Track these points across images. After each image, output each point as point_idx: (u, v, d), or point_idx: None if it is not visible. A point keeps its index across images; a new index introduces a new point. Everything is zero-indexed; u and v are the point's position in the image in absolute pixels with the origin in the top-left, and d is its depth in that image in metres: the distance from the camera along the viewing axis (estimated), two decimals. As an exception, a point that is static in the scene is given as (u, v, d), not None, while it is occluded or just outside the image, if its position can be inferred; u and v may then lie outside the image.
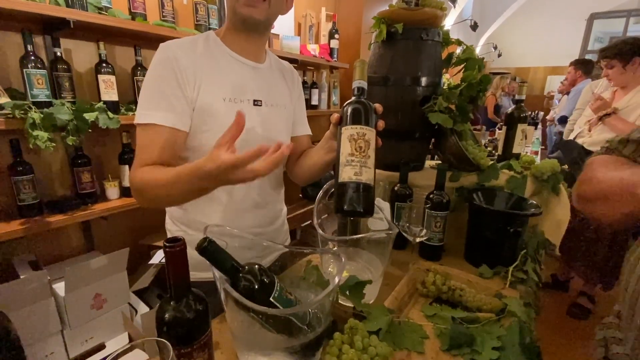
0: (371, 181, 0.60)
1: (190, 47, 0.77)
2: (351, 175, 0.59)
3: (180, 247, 0.41)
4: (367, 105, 0.64)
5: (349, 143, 0.60)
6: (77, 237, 1.54)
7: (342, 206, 0.59)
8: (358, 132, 0.60)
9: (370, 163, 0.60)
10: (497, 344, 0.62)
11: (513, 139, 1.14)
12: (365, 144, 0.60)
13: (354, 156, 0.59)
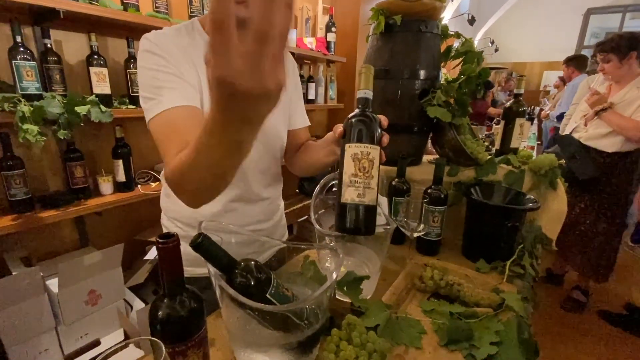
0: (374, 202, 0.60)
1: (174, 37, 0.72)
2: (354, 197, 0.58)
3: (174, 243, 0.40)
4: (372, 119, 0.62)
5: (353, 162, 0.59)
6: (71, 232, 1.52)
7: (344, 226, 0.60)
8: (362, 151, 0.59)
9: (373, 183, 0.59)
10: (495, 339, 0.62)
11: (511, 134, 1.14)
12: (369, 163, 0.59)
13: (357, 177, 0.58)
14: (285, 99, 0.90)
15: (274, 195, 0.94)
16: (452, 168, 1.04)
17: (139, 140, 1.67)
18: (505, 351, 0.59)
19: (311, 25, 2.60)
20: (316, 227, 0.77)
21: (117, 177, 1.50)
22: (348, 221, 0.59)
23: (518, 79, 1.13)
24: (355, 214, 0.59)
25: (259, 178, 0.87)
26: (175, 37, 0.72)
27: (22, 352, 1.19)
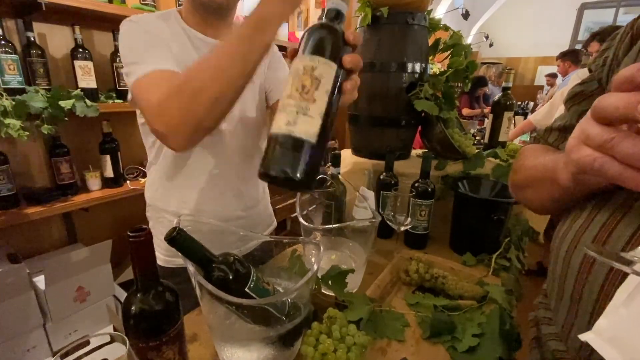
0: (311, 136, 0.40)
1: (151, 24, 0.72)
2: (281, 125, 0.40)
3: (145, 236, 0.39)
4: (330, 29, 0.43)
5: (291, 80, 0.41)
6: (59, 229, 1.50)
7: (265, 168, 0.40)
8: (305, 64, 0.41)
9: (314, 110, 0.40)
10: (478, 330, 0.62)
11: (499, 127, 1.14)
12: (312, 81, 0.40)
13: (291, 98, 0.40)
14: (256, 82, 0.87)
15: (256, 183, 0.93)
16: (439, 162, 1.04)
17: (127, 135, 1.65)
18: (486, 342, 0.59)
19: (303, 19, 2.58)
20: (302, 223, 0.76)
21: (105, 172, 1.48)
22: (270, 160, 0.40)
23: (506, 73, 1.13)
24: (277, 150, 0.40)
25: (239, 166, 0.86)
26: (156, 24, 0.73)
27: (9, 350, 1.18)
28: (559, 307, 0.43)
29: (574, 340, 0.35)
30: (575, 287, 0.39)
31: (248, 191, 0.90)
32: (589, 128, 0.28)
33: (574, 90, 0.50)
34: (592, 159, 0.28)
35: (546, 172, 0.42)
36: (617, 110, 0.25)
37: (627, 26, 0.43)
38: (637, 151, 0.25)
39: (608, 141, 0.26)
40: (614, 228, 0.36)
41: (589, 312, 0.37)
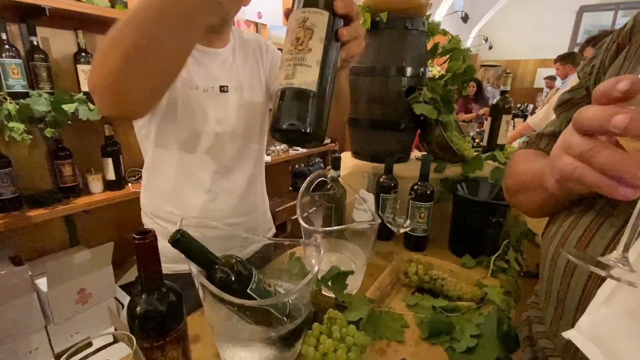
0: (310, 85, 0.40)
1: None
2: (281, 81, 0.41)
3: (150, 239, 0.40)
4: None
5: (288, 37, 0.42)
6: (60, 231, 1.52)
7: (273, 125, 0.41)
8: (297, 18, 0.42)
9: (310, 59, 0.40)
10: (476, 331, 0.63)
11: (498, 130, 1.15)
12: (305, 32, 0.41)
13: (289, 53, 0.41)
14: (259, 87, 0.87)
15: (255, 189, 0.94)
16: (438, 165, 1.05)
17: (129, 138, 1.66)
18: (484, 343, 0.60)
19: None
20: (302, 225, 0.77)
21: (106, 175, 1.50)
22: (275, 117, 0.41)
23: (504, 77, 1.15)
24: (281, 104, 0.41)
25: (239, 171, 0.87)
26: None
27: (11, 351, 1.19)
28: (547, 306, 0.44)
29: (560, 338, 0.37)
30: (560, 287, 0.40)
31: (247, 197, 0.90)
32: (570, 138, 0.29)
33: (563, 97, 0.52)
34: (573, 167, 0.29)
35: (535, 177, 0.43)
36: (594, 123, 0.27)
37: (614, 35, 0.44)
38: (612, 161, 0.26)
39: (587, 151, 0.28)
40: (595, 232, 0.37)
41: (573, 310, 0.38)
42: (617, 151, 0.26)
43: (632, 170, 0.25)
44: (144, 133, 0.81)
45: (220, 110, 0.80)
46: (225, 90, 0.80)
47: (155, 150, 0.80)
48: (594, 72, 0.46)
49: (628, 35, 0.41)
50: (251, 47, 0.89)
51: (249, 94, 0.85)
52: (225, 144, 0.82)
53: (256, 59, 0.89)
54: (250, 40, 0.90)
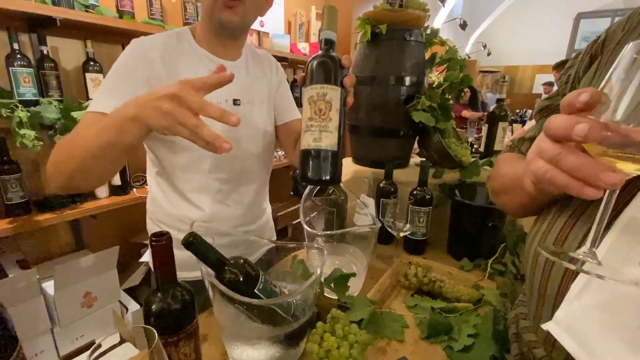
0: (333, 146, 0.54)
1: (163, 46, 0.74)
2: (310, 142, 0.54)
3: (166, 240, 0.43)
4: (331, 59, 0.55)
5: (309, 106, 0.54)
6: (67, 235, 1.54)
7: (305, 175, 0.55)
8: (318, 92, 0.54)
9: (332, 126, 0.53)
10: (473, 331, 0.65)
11: (494, 137, 1.18)
12: (325, 105, 0.53)
13: (313, 120, 0.54)
14: (268, 102, 0.90)
15: (259, 200, 0.95)
16: (437, 170, 1.08)
17: (135, 144, 1.69)
18: (481, 342, 0.63)
19: (304, 30, 2.65)
20: (305, 229, 0.80)
21: (112, 180, 1.52)
22: (308, 169, 0.54)
23: (500, 84, 1.18)
24: (313, 161, 0.54)
25: (244, 182, 0.87)
26: (165, 45, 0.75)
27: (18, 354, 1.21)
28: (531, 301, 0.47)
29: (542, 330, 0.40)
30: (541, 282, 0.43)
31: (253, 207, 0.91)
32: (542, 143, 0.32)
33: (542, 104, 0.55)
34: (545, 170, 0.32)
35: (516, 179, 0.46)
36: (560, 131, 0.30)
37: (588, 46, 0.47)
38: (577, 165, 0.29)
39: (556, 156, 0.31)
40: (571, 230, 0.41)
41: (552, 304, 0.41)
42: (582, 156, 0.30)
43: (595, 173, 0.28)
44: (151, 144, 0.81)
45: None
46: (237, 104, 0.81)
47: (163, 161, 0.80)
48: (569, 81, 0.49)
49: (600, 47, 0.45)
50: (262, 62, 0.91)
51: (260, 109, 0.87)
52: (234, 157, 0.82)
53: (266, 75, 0.91)
54: (261, 56, 0.92)
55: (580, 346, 0.35)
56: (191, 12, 1.70)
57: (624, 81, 0.28)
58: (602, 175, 0.28)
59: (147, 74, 0.71)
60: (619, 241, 0.34)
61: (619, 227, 0.35)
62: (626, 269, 0.33)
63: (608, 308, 0.34)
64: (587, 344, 0.34)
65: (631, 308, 0.33)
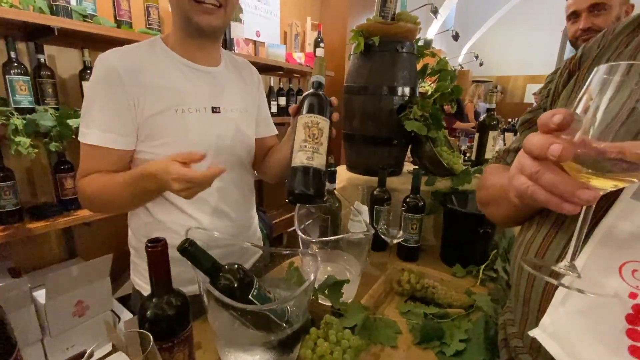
0: (322, 167, 0.63)
1: (132, 58, 0.73)
2: (303, 160, 0.61)
3: (162, 246, 0.44)
4: (323, 97, 0.67)
5: (303, 130, 0.63)
6: (59, 243, 1.53)
7: (293, 189, 0.61)
8: (312, 120, 0.63)
9: (322, 150, 0.63)
10: (464, 336, 0.66)
11: (485, 145, 1.21)
12: (318, 131, 0.63)
13: (307, 142, 0.62)
14: (251, 111, 0.91)
15: (246, 209, 0.94)
16: (429, 178, 1.10)
17: (130, 151, 1.69)
18: (472, 348, 0.64)
19: (300, 41, 2.70)
20: (300, 236, 0.81)
21: (107, 188, 1.52)
22: (297, 183, 0.61)
23: (490, 95, 1.22)
24: (303, 176, 0.61)
25: (230, 193, 0.86)
26: (134, 56, 0.74)
27: (6, 365, 1.18)
28: (517, 308, 0.49)
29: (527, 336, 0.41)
30: (525, 289, 0.44)
31: (239, 217, 0.90)
32: (522, 160, 0.34)
33: (524, 117, 0.58)
34: (526, 187, 0.33)
35: (502, 191, 0.48)
36: (536, 150, 0.31)
37: (566, 62, 0.50)
38: (554, 182, 0.31)
39: (535, 173, 0.32)
40: (551, 241, 0.42)
41: (536, 310, 0.42)
42: (559, 173, 0.31)
43: (571, 191, 0.30)
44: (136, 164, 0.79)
45: (212, 131, 0.80)
46: (217, 111, 0.80)
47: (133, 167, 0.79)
48: (550, 95, 0.51)
49: (577, 64, 0.47)
50: (242, 70, 0.91)
51: (241, 116, 0.86)
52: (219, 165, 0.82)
53: (247, 84, 0.91)
54: (241, 64, 0.92)
55: (565, 351, 0.36)
56: (188, 22, 1.73)
57: (596, 100, 0.29)
58: (577, 192, 0.30)
59: (127, 98, 0.71)
60: (598, 251, 0.36)
61: (597, 237, 0.36)
62: (606, 279, 0.35)
63: (590, 313, 0.35)
64: (571, 349, 0.35)
65: (612, 313, 0.34)
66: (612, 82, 0.29)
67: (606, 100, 0.29)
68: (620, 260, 0.34)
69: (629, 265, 0.34)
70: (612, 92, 0.29)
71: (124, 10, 1.48)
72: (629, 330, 0.33)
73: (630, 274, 0.34)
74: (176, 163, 0.61)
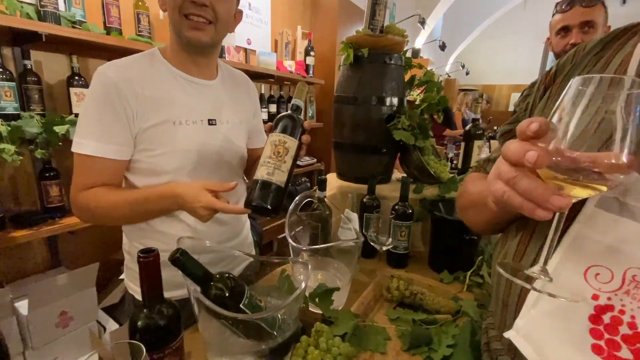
0: (282, 184, 0.66)
1: (130, 71, 0.74)
2: (264, 174, 0.65)
3: (154, 257, 0.44)
4: (297, 119, 0.70)
5: (270, 147, 0.67)
6: (43, 252, 1.49)
7: (250, 201, 0.65)
8: (280, 139, 0.67)
9: (284, 168, 0.66)
10: (451, 341, 0.68)
11: (471, 154, 1.25)
12: (284, 150, 0.66)
13: (271, 158, 0.65)
14: (246, 123, 0.92)
15: (238, 215, 0.95)
16: (417, 186, 1.13)
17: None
18: (458, 352, 0.65)
19: (291, 49, 2.73)
20: (290, 243, 0.82)
21: (94, 195, 1.49)
22: (255, 196, 0.64)
23: (474, 105, 1.26)
24: (261, 190, 0.64)
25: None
26: (132, 69, 0.74)
27: (-15, 380, 1.14)
28: (497, 312, 0.51)
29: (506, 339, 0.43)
30: (504, 293, 0.47)
31: (231, 224, 0.92)
32: (501, 166, 0.36)
33: (504, 128, 0.60)
34: (503, 191, 0.35)
35: (481, 197, 0.50)
36: (514, 156, 0.33)
37: (542, 77, 0.53)
38: (529, 189, 0.32)
39: (512, 179, 0.34)
40: (527, 245, 0.45)
41: (513, 313, 0.44)
42: (534, 180, 0.33)
43: (545, 197, 0.32)
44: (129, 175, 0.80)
45: (207, 142, 0.81)
46: (213, 124, 0.82)
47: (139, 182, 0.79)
48: (528, 108, 0.54)
49: (552, 78, 0.50)
50: (240, 85, 0.93)
51: (237, 128, 0.88)
52: (211, 176, 0.83)
53: (244, 98, 0.93)
54: (239, 78, 0.94)
55: (536, 351, 0.38)
56: (179, 29, 1.73)
57: (570, 111, 0.31)
58: (551, 199, 0.31)
59: (125, 110, 0.72)
60: (567, 256, 0.38)
61: (566, 243, 0.39)
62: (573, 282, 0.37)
63: (558, 315, 0.38)
64: (541, 349, 0.38)
65: (577, 314, 0.37)
66: (585, 93, 0.30)
67: (579, 111, 0.31)
68: (586, 265, 0.37)
69: (593, 269, 0.36)
70: (584, 104, 0.30)
71: (114, 17, 1.48)
72: (592, 330, 0.36)
73: (594, 277, 0.36)
74: (207, 192, 0.66)
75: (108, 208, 0.74)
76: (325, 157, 3.03)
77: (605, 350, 0.35)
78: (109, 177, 0.75)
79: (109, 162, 0.73)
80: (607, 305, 0.35)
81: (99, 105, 0.71)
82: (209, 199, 0.66)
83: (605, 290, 0.36)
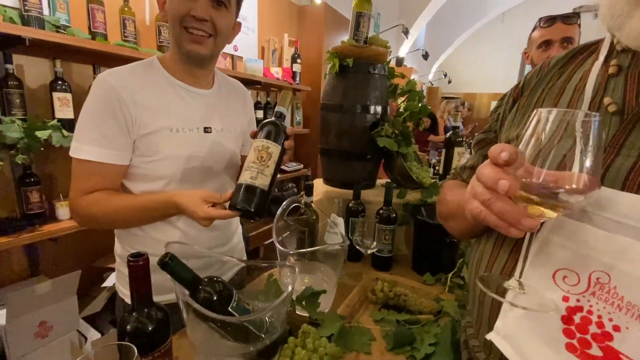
0: (265, 187, 0.68)
1: (130, 78, 0.75)
2: (247, 178, 0.67)
3: (144, 261, 0.46)
4: (280, 126, 0.72)
5: (254, 152, 0.69)
6: (21, 260, 1.44)
7: (234, 203, 0.67)
8: (263, 144, 0.69)
9: (267, 172, 0.68)
10: (433, 340, 0.71)
11: (452, 160, 1.30)
12: (267, 155, 0.68)
13: (254, 163, 0.68)
14: (240, 131, 0.94)
15: (230, 221, 0.96)
16: (400, 191, 1.17)
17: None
18: (440, 351, 0.68)
19: (277, 56, 2.76)
20: (278, 247, 0.83)
21: (76, 201, 1.47)
22: (239, 199, 0.66)
23: (454, 114, 1.31)
24: (245, 193, 0.66)
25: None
26: (131, 77, 0.76)
27: (-43, 394, 1.10)
28: (474, 310, 0.54)
29: (482, 336, 0.45)
30: (480, 293, 0.50)
31: (224, 229, 0.93)
32: (476, 187, 0.38)
33: (478, 137, 0.64)
34: (479, 211, 0.38)
35: (459, 207, 0.52)
36: (487, 182, 0.36)
37: (511, 90, 0.57)
38: (502, 211, 0.36)
39: (486, 200, 0.37)
40: (498, 253, 0.48)
41: (488, 312, 0.48)
42: (507, 203, 0.36)
43: (517, 219, 0.35)
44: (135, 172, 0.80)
45: (203, 149, 0.83)
46: (208, 132, 0.84)
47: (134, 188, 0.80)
48: (499, 119, 0.59)
49: (520, 91, 0.55)
50: (236, 93, 0.95)
51: (232, 137, 0.90)
52: (205, 182, 0.85)
53: (240, 107, 0.95)
54: (235, 86, 0.96)
55: (516, 351, 0.41)
56: (165, 35, 1.73)
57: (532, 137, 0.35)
58: (522, 220, 0.35)
59: (124, 116, 0.73)
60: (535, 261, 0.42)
61: (534, 249, 0.42)
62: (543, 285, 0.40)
63: (533, 316, 0.41)
64: (521, 349, 0.41)
65: (550, 315, 0.40)
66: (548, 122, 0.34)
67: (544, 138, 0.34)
68: (554, 268, 0.40)
69: (561, 272, 0.40)
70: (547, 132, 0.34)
71: (99, 22, 1.47)
72: (564, 330, 0.39)
73: (562, 280, 0.39)
74: (204, 205, 0.69)
75: (110, 213, 0.74)
76: (311, 162, 3.06)
77: (578, 348, 0.37)
78: (109, 181, 0.75)
79: (109, 167, 0.74)
80: (577, 306, 0.38)
81: (99, 110, 0.72)
82: (207, 211, 0.68)
83: (574, 292, 0.38)
